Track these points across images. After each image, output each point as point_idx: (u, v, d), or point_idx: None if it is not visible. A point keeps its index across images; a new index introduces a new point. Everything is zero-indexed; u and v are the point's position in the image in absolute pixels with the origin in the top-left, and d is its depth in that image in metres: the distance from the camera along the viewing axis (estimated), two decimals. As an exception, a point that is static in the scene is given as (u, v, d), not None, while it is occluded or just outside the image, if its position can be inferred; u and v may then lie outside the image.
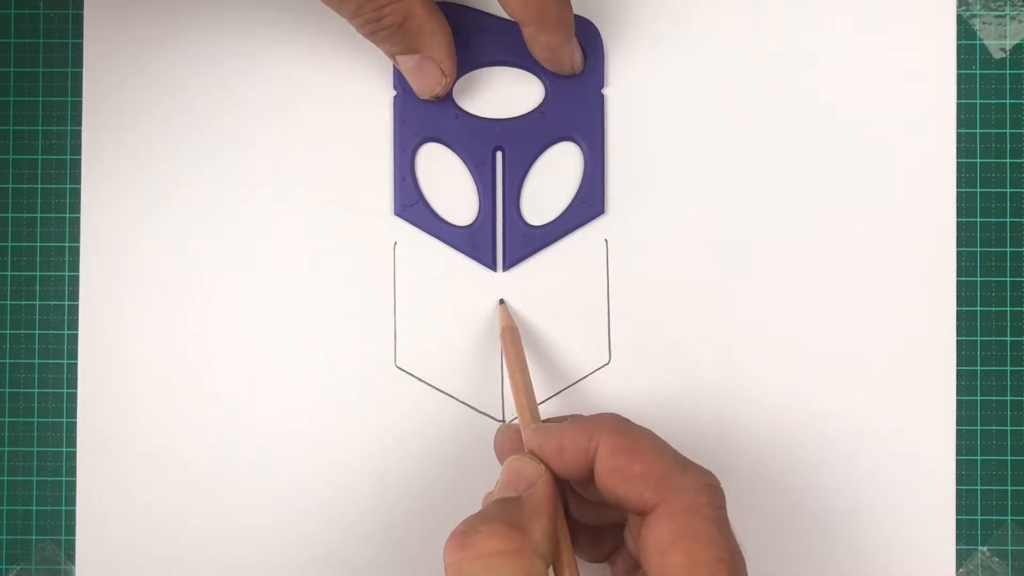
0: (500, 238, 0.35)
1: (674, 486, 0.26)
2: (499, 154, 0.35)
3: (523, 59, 0.33)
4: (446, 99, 0.34)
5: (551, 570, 0.27)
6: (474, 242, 0.34)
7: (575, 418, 0.29)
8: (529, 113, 0.34)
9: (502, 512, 0.26)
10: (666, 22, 0.35)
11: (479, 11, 0.34)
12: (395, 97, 0.35)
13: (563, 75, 0.34)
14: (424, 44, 0.32)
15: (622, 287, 0.35)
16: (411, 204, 0.34)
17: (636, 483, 0.26)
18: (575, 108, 0.34)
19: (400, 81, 0.34)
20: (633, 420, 0.29)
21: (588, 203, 0.34)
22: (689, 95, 0.35)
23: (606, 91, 0.35)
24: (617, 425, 0.28)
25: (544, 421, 0.30)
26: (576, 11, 0.34)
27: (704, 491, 0.26)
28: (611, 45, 0.35)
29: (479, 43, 0.34)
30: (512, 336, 0.33)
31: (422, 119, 0.34)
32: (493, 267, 0.34)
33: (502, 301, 0.34)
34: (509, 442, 0.31)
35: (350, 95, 0.35)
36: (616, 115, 0.35)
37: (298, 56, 0.35)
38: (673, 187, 0.35)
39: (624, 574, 0.30)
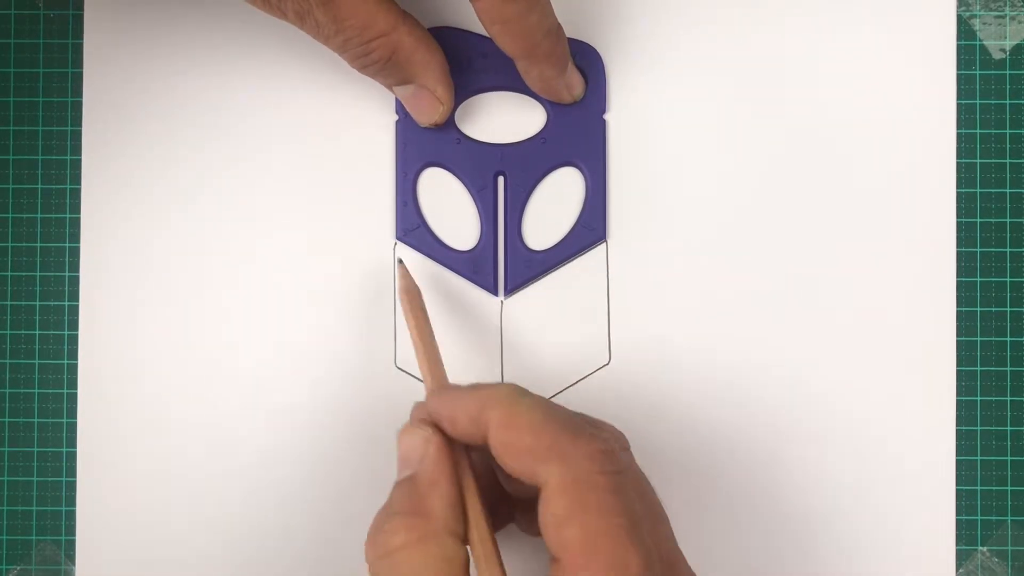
0: (502, 263, 0.35)
1: (563, 457, 0.25)
2: (501, 179, 0.35)
3: (524, 84, 0.33)
4: (448, 124, 0.34)
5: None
6: (476, 267, 0.34)
7: (475, 387, 0.28)
8: (531, 138, 0.34)
9: (401, 499, 0.27)
10: (667, 47, 0.35)
11: (480, 36, 0.34)
12: (397, 122, 0.35)
13: (562, 104, 0.34)
14: (416, 74, 0.32)
15: (623, 298, 0.35)
16: (413, 229, 0.34)
17: (526, 458, 0.25)
18: (577, 133, 0.34)
19: (402, 107, 0.34)
20: (633, 421, 0.29)
21: (590, 227, 0.34)
22: (690, 120, 0.35)
23: (608, 116, 0.35)
24: (508, 398, 0.26)
25: (442, 387, 0.30)
26: (578, 36, 0.34)
27: (595, 458, 0.25)
28: (613, 70, 0.35)
29: (481, 68, 0.34)
30: (410, 299, 0.32)
31: (424, 144, 0.34)
32: (495, 292, 0.34)
33: (400, 261, 0.34)
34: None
35: (352, 120, 0.35)
36: (618, 140, 0.35)
37: (303, 77, 0.35)
38: (675, 211, 0.35)
39: None
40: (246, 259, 0.35)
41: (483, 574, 0.26)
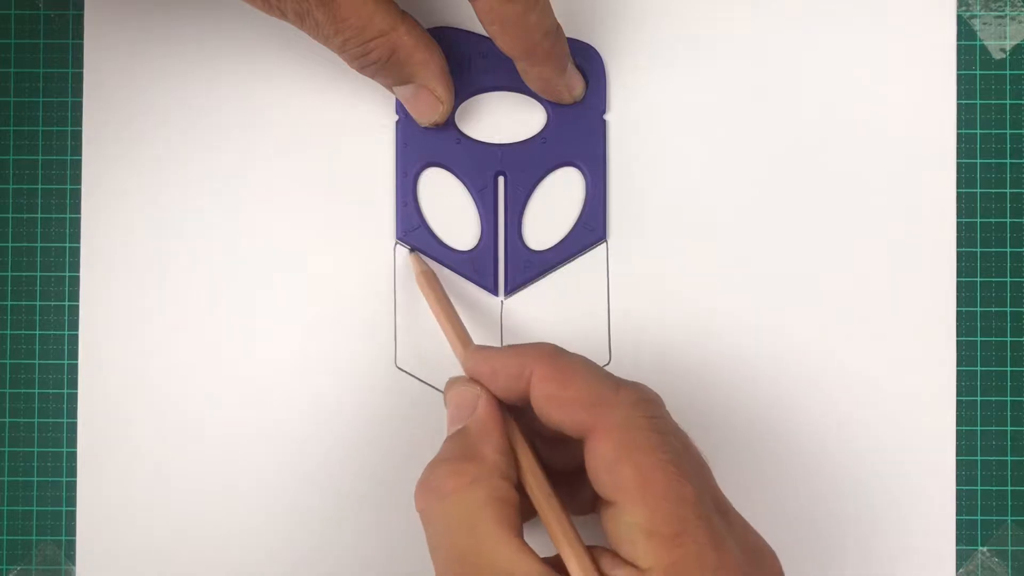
0: (502, 263, 0.35)
1: (608, 404, 0.26)
2: (501, 179, 0.35)
3: (525, 84, 0.33)
4: (448, 124, 0.34)
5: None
6: (476, 267, 0.34)
7: (513, 346, 0.29)
8: (531, 138, 0.34)
9: (453, 448, 0.27)
10: (668, 48, 0.35)
11: (480, 36, 0.34)
12: (397, 122, 0.35)
13: (563, 104, 0.34)
14: (416, 74, 0.32)
15: (623, 298, 0.35)
16: (413, 229, 0.34)
17: (571, 407, 0.27)
18: (577, 133, 0.34)
19: (402, 107, 0.34)
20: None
21: (590, 228, 0.34)
22: (690, 120, 0.35)
23: (608, 116, 0.35)
24: (549, 353, 0.28)
25: (479, 346, 0.30)
26: (578, 36, 0.34)
27: (638, 405, 0.26)
28: (613, 70, 0.35)
29: (481, 68, 0.34)
30: (428, 279, 0.33)
31: (424, 144, 0.34)
32: (495, 292, 0.34)
33: (412, 250, 0.34)
34: None
35: (353, 120, 0.35)
36: (618, 140, 0.35)
37: (302, 77, 0.35)
38: (675, 211, 0.35)
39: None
40: (246, 259, 0.35)
41: (546, 516, 0.27)
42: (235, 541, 0.34)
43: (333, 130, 0.35)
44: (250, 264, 0.35)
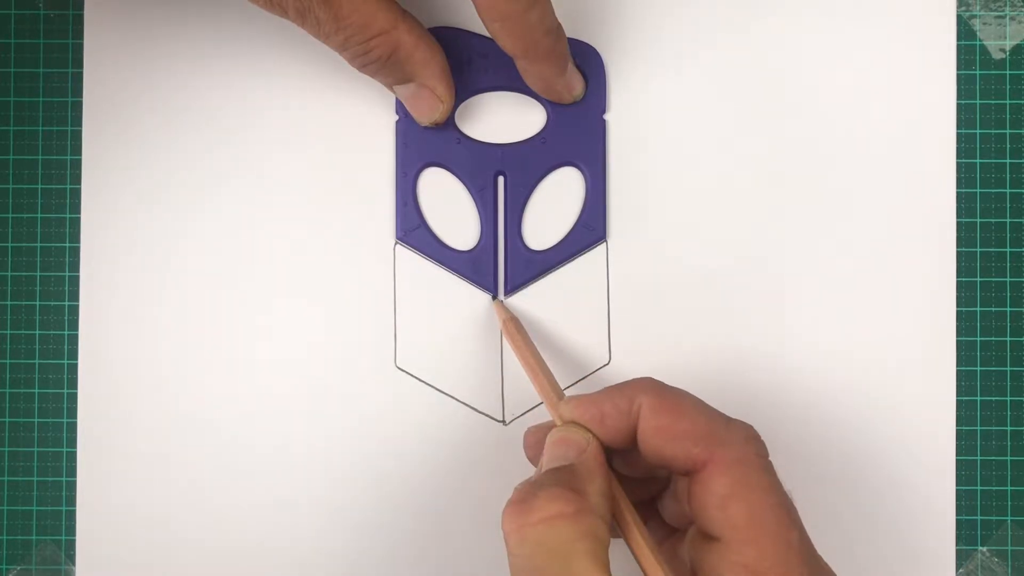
0: (502, 263, 0.35)
1: (722, 440, 0.26)
2: (501, 179, 0.35)
3: (524, 84, 0.33)
4: (448, 124, 0.34)
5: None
6: (476, 267, 0.34)
7: (614, 386, 0.29)
8: (531, 138, 0.34)
9: (557, 478, 0.26)
10: (668, 48, 0.35)
11: (480, 36, 0.34)
12: (397, 122, 0.35)
13: (563, 104, 0.34)
14: (416, 73, 0.32)
15: (623, 298, 0.35)
16: (413, 229, 0.34)
17: (683, 440, 0.26)
18: (577, 133, 0.34)
19: (402, 106, 0.34)
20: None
21: (590, 227, 0.34)
22: (690, 120, 0.35)
23: (608, 116, 0.35)
24: (655, 386, 0.28)
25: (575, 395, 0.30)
26: (578, 36, 0.34)
27: (750, 442, 0.27)
28: (613, 70, 0.35)
29: (481, 68, 0.34)
30: (515, 326, 0.33)
31: (424, 144, 0.34)
32: (495, 292, 0.34)
33: (495, 297, 0.34)
34: (541, 442, 0.30)
35: (353, 120, 0.35)
36: (618, 140, 0.35)
37: (302, 77, 0.35)
38: (674, 212, 0.35)
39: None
40: (246, 259, 0.35)
41: (649, 565, 0.26)
42: (235, 540, 0.34)
43: (333, 130, 0.35)
44: (250, 264, 0.35)
